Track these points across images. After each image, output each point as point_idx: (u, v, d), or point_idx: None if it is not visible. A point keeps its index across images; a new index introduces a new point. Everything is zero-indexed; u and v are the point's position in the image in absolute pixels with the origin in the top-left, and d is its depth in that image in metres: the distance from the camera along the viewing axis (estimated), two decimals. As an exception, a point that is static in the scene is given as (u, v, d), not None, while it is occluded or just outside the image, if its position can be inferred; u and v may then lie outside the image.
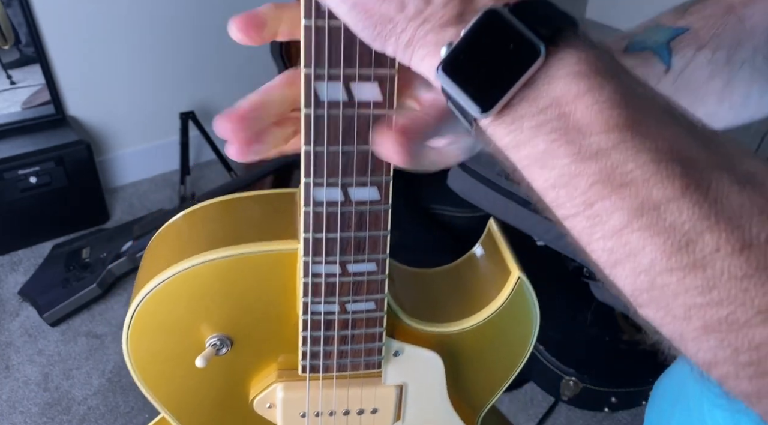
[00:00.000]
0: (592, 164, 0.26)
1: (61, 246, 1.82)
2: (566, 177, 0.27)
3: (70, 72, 1.89)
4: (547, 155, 0.27)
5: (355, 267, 0.45)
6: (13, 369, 1.49)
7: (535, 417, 1.39)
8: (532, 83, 0.27)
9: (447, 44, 0.28)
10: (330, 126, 0.38)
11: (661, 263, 0.25)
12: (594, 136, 0.26)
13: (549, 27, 0.27)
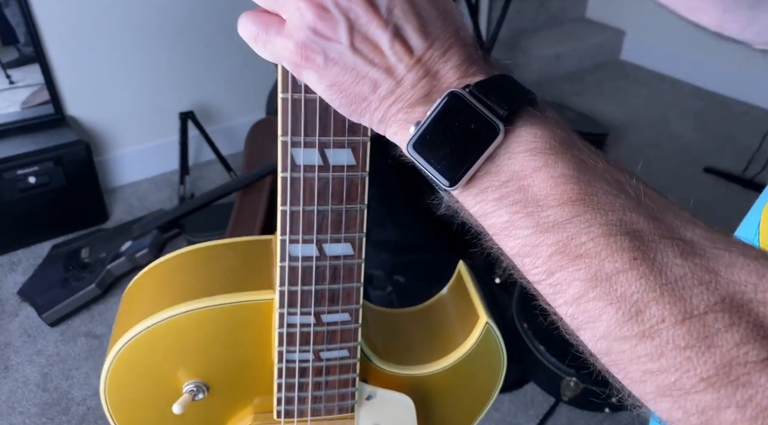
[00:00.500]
0: (550, 236, 0.28)
1: (60, 246, 1.82)
2: (528, 247, 0.29)
3: (70, 72, 1.89)
4: (510, 226, 0.30)
5: (329, 317, 0.47)
6: (12, 370, 1.49)
7: (535, 418, 1.38)
8: (494, 158, 0.30)
9: (415, 123, 0.31)
10: (305, 188, 0.40)
11: (616, 331, 0.27)
12: (550, 209, 0.28)
13: (507, 106, 0.30)
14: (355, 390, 0.52)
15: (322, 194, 0.41)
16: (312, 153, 0.39)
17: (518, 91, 0.32)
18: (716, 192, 2.11)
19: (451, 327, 0.60)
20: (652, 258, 0.26)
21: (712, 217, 1.22)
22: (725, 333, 0.25)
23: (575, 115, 2.26)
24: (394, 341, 0.58)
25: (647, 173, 0.30)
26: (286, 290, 0.45)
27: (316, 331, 0.47)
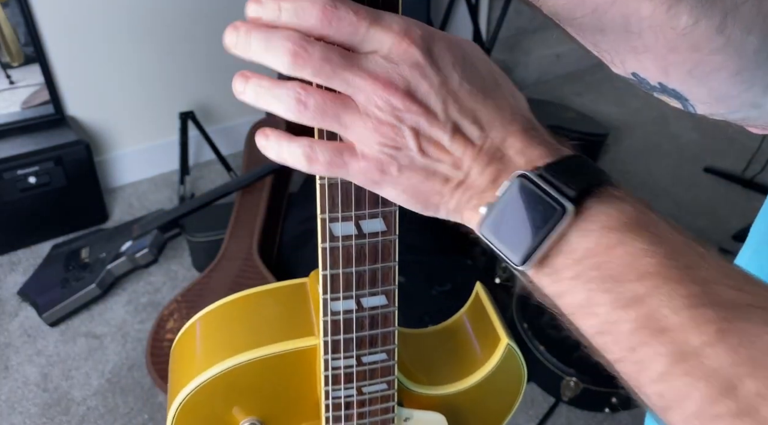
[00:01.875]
0: (630, 311, 0.28)
1: (60, 246, 1.82)
2: (608, 324, 0.30)
3: (70, 72, 1.89)
4: (588, 303, 0.30)
5: (369, 358, 0.53)
6: (12, 370, 1.49)
7: (535, 418, 1.38)
8: (568, 238, 0.31)
9: (486, 205, 0.33)
10: (343, 254, 0.45)
11: (708, 409, 0.26)
12: (629, 284, 0.28)
13: (576, 186, 0.30)
14: (394, 415, 0.57)
15: (359, 258, 0.46)
16: (348, 225, 0.43)
17: (589, 171, 0.32)
18: (716, 192, 2.11)
19: (475, 348, 0.64)
20: (740, 329, 0.25)
21: (712, 217, 1.23)
22: None
23: (575, 115, 2.26)
24: (422, 363, 0.63)
25: (646, 173, 0.30)
26: (330, 339, 0.50)
27: (358, 371, 0.53)
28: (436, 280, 1.57)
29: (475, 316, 0.66)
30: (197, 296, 1.53)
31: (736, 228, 1.90)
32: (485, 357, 0.61)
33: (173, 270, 1.77)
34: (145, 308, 1.65)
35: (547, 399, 1.41)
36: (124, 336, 1.58)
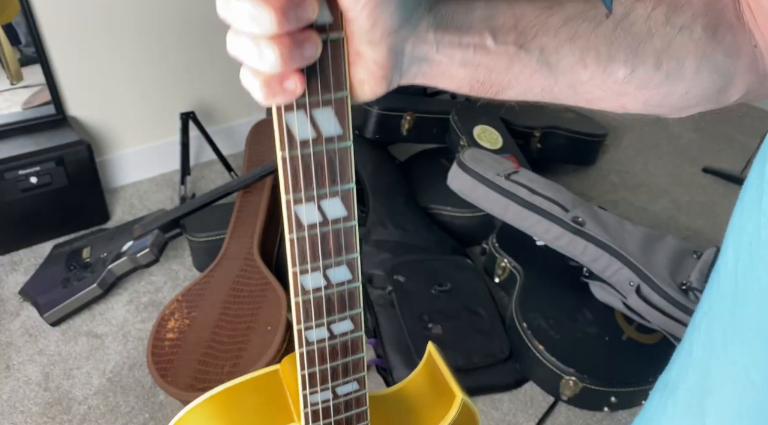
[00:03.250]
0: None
1: (61, 246, 1.82)
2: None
3: (71, 72, 1.90)
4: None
5: None
6: (13, 369, 1.49)
7: (534, 417, 1.39)
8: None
9: None
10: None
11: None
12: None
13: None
14: None
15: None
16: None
17: None
18: (715, 192, 2.11)
19: (430, 405, 0.67)
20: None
21: (711, 217, 1.24)
22: None
23: (575, 115, 2.26)
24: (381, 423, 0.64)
25: (646, 173, 0.31)
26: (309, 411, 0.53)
27: None
28: (436, 280, 1.57)
29: (429, 375, 0.68)
30: (198, 296, 1.54)
31: (735, 228, 1.90)
32: (442, 413, 0.64)
33: (174, 270, 1.77)
34: (146, 307, 1.66)
35: (546, 399, 1.42)
36: (125, 335, 1.58)
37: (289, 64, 0.32)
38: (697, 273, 1.44)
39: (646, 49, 0.41)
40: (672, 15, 0.41)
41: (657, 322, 1.40)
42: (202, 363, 1.36)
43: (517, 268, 1.58)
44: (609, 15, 0.41)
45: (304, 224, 0.39)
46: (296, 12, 0.30)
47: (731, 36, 0.42)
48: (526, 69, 0.40)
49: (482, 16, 0.38)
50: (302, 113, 0.35)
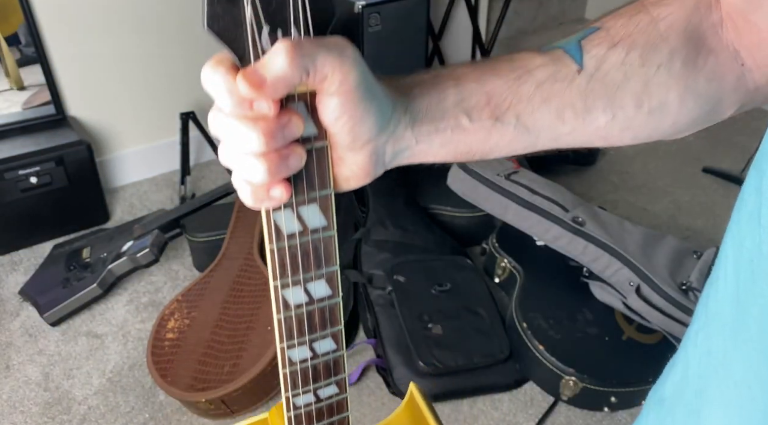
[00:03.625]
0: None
1: (61, 246, 1.82)
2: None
3: (71, 72, 1.90)
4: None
5: None
6: (13, 369, 1.49)
7: (534, 417, 1.39)
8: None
9: None
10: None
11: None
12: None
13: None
14: None
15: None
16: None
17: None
18: (714, 192, 2.11)
19: None
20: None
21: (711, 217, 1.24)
22: None
23: (575, 115, 2.26)
24: None
25: (646, 173, 0.31)
26: None
27: None
28: (436, 280, 1.57)
29: (411, 415, 0.67)
30: (198, 296, 1.54)
31: (735, 228, 1.90)
32: None
33: (174, 270, 1.77)
34: (146, 307, 1.66)
35: (546, 399, 1.42)
36: (125, 335, 1.58)
37: (275, 176, 0.35)
38: (697, 273, 1.44)
39: (624, 94, 0.42)
40: (648, 56, 0.41)
41: (657, 322, 1.40)
42: (202, 363, 1.36)
43: (517, 268, 1.58)
44: (581, 70, 0.41)
45: (291, 305, 0.42)
46: (283, 133, 0.34)
47: (713, 60, 0.42)
48: (505, 136, 0.41)
49: (454, 101, 0.40)
50: (289, 212, 0.38)
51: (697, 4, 0.42)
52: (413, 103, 0.39)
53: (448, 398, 1.41)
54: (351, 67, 0.34)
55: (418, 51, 2.28)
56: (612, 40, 0.41)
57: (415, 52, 2.28)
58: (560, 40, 0.43)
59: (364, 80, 0.35)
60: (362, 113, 0.35)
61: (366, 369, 1.47)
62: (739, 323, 0.37)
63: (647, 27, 0.41)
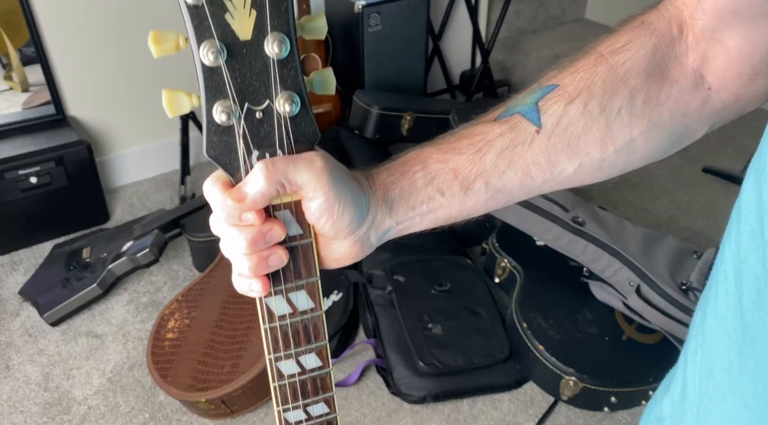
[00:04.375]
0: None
1: (61, 246, 1.82)
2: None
3: (71, 72, 1.90)
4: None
5: None
6: (13, 369, 1.49)
7: (534, 417, 1.39)
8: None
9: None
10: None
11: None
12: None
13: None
14: None
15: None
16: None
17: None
18: (714, 192, 2.11)
19: None
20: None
21: (711, 217, 1.23)
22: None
23: (575, 115, 2.27)
24: None
25: (646, 173, 0.31)
26: None
27: None
28: (436, 280, 1.57)
29: None
30: (198, 296, 1.54)
31: (735, 228, 1.90)
32: None
33: (174, 270, 1.77)
34: (146, 307, 1.66)
35: (546, 399, 1.42)
36: (125, 335, 1.58)
37: (256, 272, 0.41)
38: (697, 273, 1.44)
39: (587, 142, 0.43)
40: (608, 102, 0.42)
41: (657, 322, 1.40)
42: (202, 363, 1.36)
43: (517, 268, 1.58)
44: (539, 130, 0.43)
45: (285, 375, 0.47)
46: (265, 239, 0.40)
47: (677, 91, 0.42)
48: (479, 201, 0.45)
49: (424, 182, 0.44)
50: (280, 297, 0.44)
51: (658, 42, 0.42)
52: (387, 192, 0.44)
53: (448, 398, 1.41)
54: (321, 176, 0.40)
55: (418, 51, 2.28)
56: (570, 96, 0.43)
57: (415, 52, 2.28)
58: (515, 103, 0.44)
59: (337, 183, 0.40)
60: (340, 211, 0.41)
61: (366, 369, 1.47)
62: (747, 345, 0.35)
63: (606, 75, 0.42)
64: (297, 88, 0.39)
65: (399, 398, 1.41)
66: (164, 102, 0.38)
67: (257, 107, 0.39)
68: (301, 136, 0.40)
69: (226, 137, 0.39)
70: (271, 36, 0.37)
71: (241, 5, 0.36)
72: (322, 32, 0.40)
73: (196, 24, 0.36)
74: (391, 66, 2.24)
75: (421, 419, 1.38)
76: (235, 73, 0.37)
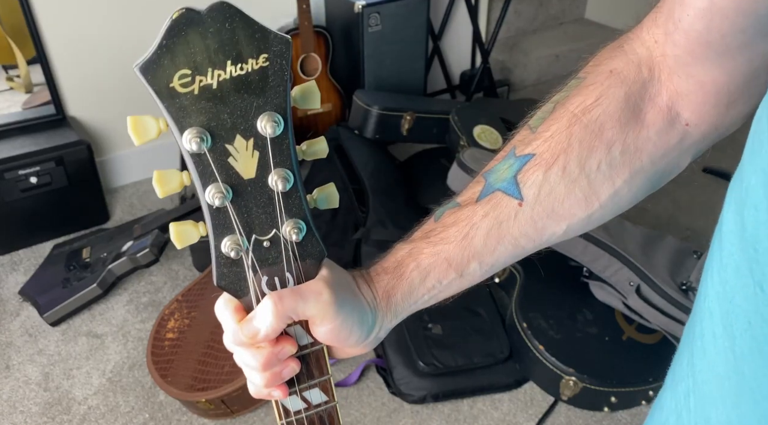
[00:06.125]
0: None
1: (61, 246, 1.82)
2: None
3: (71, 72, 1.90)
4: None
5: None
6: (13, 369, 1.49)
7: (534, 417, 1.39)
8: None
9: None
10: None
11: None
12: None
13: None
14: None
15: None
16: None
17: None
18: (714, 192, 2.11)
19: None
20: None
21: (711, 217, 1.22)
22: None
23: (575, 115, 2.26)
24: None
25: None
26: None
27: None
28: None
29: None
30: (198, 296, 1.54)
31: (735, 228, 1.90)
32: None
33: (174, 270, 1.77)
34: (146, 307, 1.66)
35: (546, 399, 1.42)
36: (125, 335, 1.58)
37: (271, 385, 0.44)
38: (697, 273, 1.44)
39: (572, 204, 0.43)
40: (585, 161, 0.42)
41: (657, 322, 1.40)
42: (202, 363, 1.36)
43: (517, 268, 1.58)
44: (522, 203, 0.43)
45: None
46: (277, 358, 0.42)
47: (654, 133, 0.42)
48: (476, 278, 0.47)
49: (420, 279, 0.46)
50: (294, 396, 0.46)
51: (629, 89, 0.42)
52: (390, 299, 0.46)
53: (448, 398, 1.41)
54: (328, 308, 0.41)
55: (418, 51, 2.28)
56: (547, 163, 0.42)
57: (415, 52, 2.28)
58: (497, 176, 0.45)
59: (343, 310, 0.42)
60: (347, 334, 0.43)
61: (366, 369, 1.47)
62: (746, 400, 0.32)
63: (581, 134, 0.42)
64: (302, 215, 0.40)
65: (399, 398, 1.41)
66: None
67: (264, 237, 0.40)
68: (308, 256, 0.42)
69: (236, 267, 0.40)
70: (274, 173, 0.37)
71: (244, 148, 0.36)
72: (323, 154, 0.40)
73: (200, 170, 0.36)
74: (391, 66, 2.24)
75: (421, 419, 1.38)
76: (241, 210, 0.38)
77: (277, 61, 0.35)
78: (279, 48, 0.35)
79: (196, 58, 0.34)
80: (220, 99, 0.35)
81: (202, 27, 0.34)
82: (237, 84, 0.35)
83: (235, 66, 0.34)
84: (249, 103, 0.35)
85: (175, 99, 0.34)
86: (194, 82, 0.34)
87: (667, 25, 0.40)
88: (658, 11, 0.41)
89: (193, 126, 0.35)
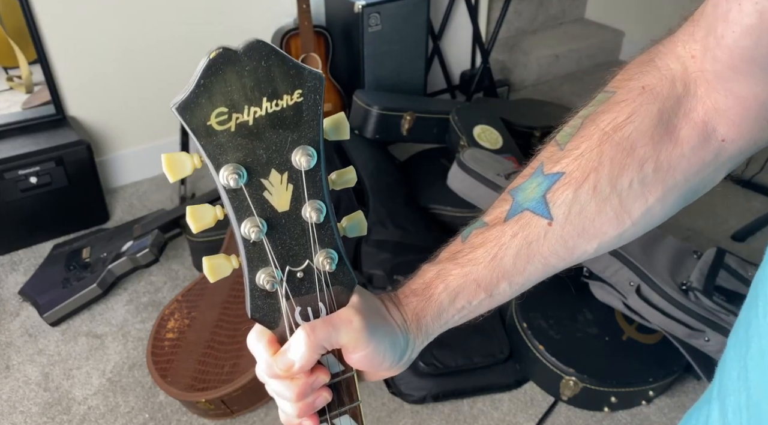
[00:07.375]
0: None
1: (61, 246, 1.82)
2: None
3: (71, 72, 1.90)
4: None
5: None
6: (13, 369, 1.49)
7: (534, 417, 1.39)
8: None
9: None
10: None
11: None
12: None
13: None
14: None
15: None
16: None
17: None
18: (714, 192, 2.10)
19: None
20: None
21: (711, 217, 1.23)
22: None
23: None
24: None
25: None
26: None
27: None
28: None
29: None
30: (198, 296, 1.54)
31: (735, 228, 1.91)
32: None
33: (174, 270, 1.77)
34: (146, 307, 1.66)
35: (546, 399, 1.42)
36: (125, 335, 1.58)
37: (304, 414, 0.44)
38: (697, 273, 1.44)
39: (603, 223, 0.42)
40: (617, 179, 0.41)
41: (657, 322, 1.40)
42: (202, 363, 1.36)
43: (517, 268, 1.58)
44: (551, 222, 0.42)
45: None
46: (311, 387, 0.42)
47: (688, 150, 0.41)
48: (505, 297, 0.46)
49: (449, 300, 0.45)
50: (325, 423, 0.46)
51: (662, 105, 0.41)
52: (420, 321, 0.45)
53: (448, 398, 1.41)
54: (360, 336, 0.42)
55: (418, 51, 2.28)
56: (578, 182, 0.41)
57: (415, 52, 2.28)
58: (522, 197, 0.44)
59: (374, 337, 0.42)
60: (380, 360, 0.43)
61: (366, 369, 1.47)
62: None
63: (612, 152, 0.41)
64: (334, 245, 0.41)
65: (399, 398, 1.41)
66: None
67: (298, 268, 0.40)
68: (339, 285, 0.42)
69: (270, 299, 0.41)
70: (308, 205, 0.38)
71: (278, 182, 0.37)
72: (352, 183, 0.41)
73: (236, 205, 0.37)
74: (391, 66, 2.24)
75: (421, 419, 1.38)
76: (275, 243, 0.39)
77: (311, 96, 0.35)
78: (313, 83, 0.35)
79: (233, 96, 0.34)
80: (256, 135, 0.35)
81: (239, 65, 0.34)
82: (272, 120, 0.35)
83: (270, 102, 0.35)
84: (284, 138, 0.36)
85: (212, 137, 0.34)
86: (231, 119, 0.34)
87: (707, 41, 0.39)
88: (696, 25, 0.40)
89: (230, 162, 0.35)
